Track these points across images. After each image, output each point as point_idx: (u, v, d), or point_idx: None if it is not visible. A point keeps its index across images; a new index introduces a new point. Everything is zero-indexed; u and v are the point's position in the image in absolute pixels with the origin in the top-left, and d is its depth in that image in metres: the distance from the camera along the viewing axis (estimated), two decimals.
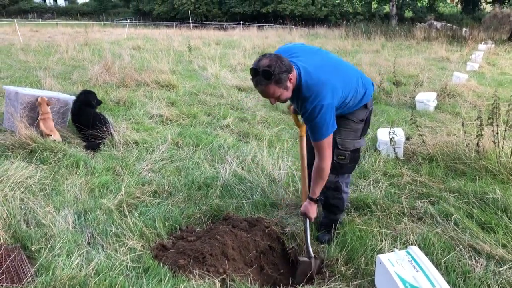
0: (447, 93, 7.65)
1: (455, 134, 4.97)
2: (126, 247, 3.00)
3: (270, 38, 21.08)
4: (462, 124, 4.59)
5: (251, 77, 2.63)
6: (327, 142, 2.81)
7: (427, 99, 7.10)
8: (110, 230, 3.19)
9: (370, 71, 9.55)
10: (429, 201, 3.76)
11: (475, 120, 4.58)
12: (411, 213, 3.58)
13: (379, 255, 2.63)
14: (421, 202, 3.74)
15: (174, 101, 7.13)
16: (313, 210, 3.04)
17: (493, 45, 17.14)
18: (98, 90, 7.41)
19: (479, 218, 3.46)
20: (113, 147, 4.98)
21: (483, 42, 18.27)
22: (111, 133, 5.12)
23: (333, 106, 2.76)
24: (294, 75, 2.65)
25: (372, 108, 3.18)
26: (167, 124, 5.96)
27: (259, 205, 3.74)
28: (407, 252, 2.67)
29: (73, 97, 5.75)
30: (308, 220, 3.09)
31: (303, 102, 2.76)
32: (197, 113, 6.50)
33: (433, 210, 3.57)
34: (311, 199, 3.04)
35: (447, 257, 2.93)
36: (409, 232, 3.23)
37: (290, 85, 2.67)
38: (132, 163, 4.53)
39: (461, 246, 3.06)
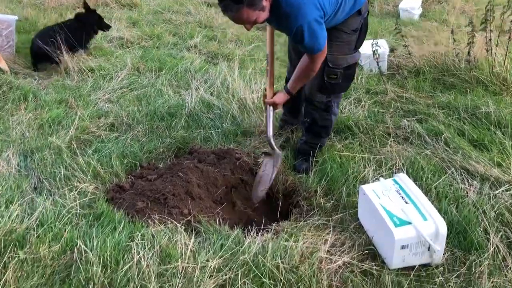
0: (433, 0, 7.09)
1: (443, 44, 4.53)
2: (77, 191, 2.63)
3: None
4: (452, 32, 4.14)
5: (217, 1, 2.19)
6: (322, 52, 2.46)
7: (411, 6, 6.56)
8: (59, 172, 2.80)
9: None
10: (416, 119, 3.42)
11: (465, 26, 4.14)
12: (396, 134, 3.25)
13: (362, 186, 2.31)
14: (407, 120, 3.39)
15: (136, 21, 6.44)
16: (282, 100, 2.76)
17: None
18: (51, 14, 6.67)
19: (471, 135, 3.15)
20: (66, 75, 4.45)
21: None
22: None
23: (322, 16, 2.34)
24: None
25: (367, 13, 2.71)
26: (128, 47, 5.37)
27: (229, 134, 3.35)
28: (394, 180, 2.35)
29: (15, 17, 5.11)
30: (273, 108, 2.78)
31: (285, 22, 2.34)
32: (161, 33, 5.88)
33: (421, 129, 3.24)
34: (288, 92, 2.72)
35: (437, 182, 2.63)
36: (395, 156, 2.91)
37: (266, 3, 2.22)
38: (87, 93, 4.05)
39: (452, 169, 2.75)
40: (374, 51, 3.87)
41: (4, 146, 3.14)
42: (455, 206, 2.45)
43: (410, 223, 2.08)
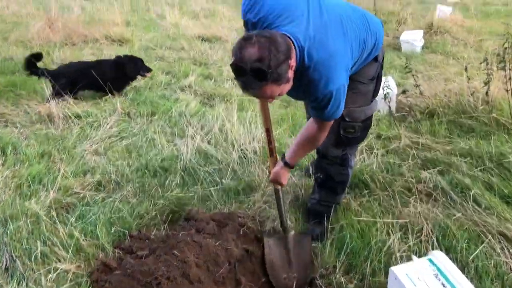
0: (434, 30, 6.86)
1: (455, 81, 4.24)
2: (56, 273, 2.24)
3: None
4: (466, 69, 3.85)
5: (234, 75, 1.79)
6: (328, 124, 2.16)
7: (413, 38, 6.33)
8: (35, 248, 2.41)
9: None
10: (437, 170, 3.08)
11: (481, 63, 3.84)
12: (418, 189, 2.89)
13: (393, 269, 1.94)
14: (428, 172, 3.05)
15: None
16: (286, 177, 2.39)
17: None
18: (39, 51, 6.36)
19: (501, 189, 2.80)
20: (50, 123, 4.10)
21: None
22: None
23: (346, 83, 2.03)
24: (294, 57, 1.84)
25: (383, 59, 2.39)
26: None
27: (230, 191, 2.99)
28: (430, 261, 1.98)
29: None
30: (280, 187, 2.44)
31: (310, 89, 1.98)
32: (153, 72, 5.57)
33: (444, 183, 2.89)
34: (287, 165, 2.33)
35: (474, 254, 2.27)
36: (421, 219, 2.55)
37: (291, 73, 1.85)
38: (72, 144, 3.68)
39: (489, 236, 2.39)
40: (386, 94, 3.55)
41: None
42: (499, 285, 2.09)
43: None
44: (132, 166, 3.31)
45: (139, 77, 4.91)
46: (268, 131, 2.40)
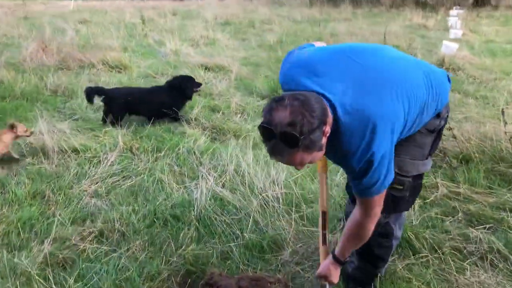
0: (446, 67, 6.64)
1: (486, 124, 3.93)
2: None
3: (231, 7, 19.53)
4: (502, 112, 3.56)
5: (261, 137, 1.57)
6: (380, 197, 1.79)
7: None
8: None
9: None
10: (485, 228, 2.73)
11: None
12: (467, 250, 2.53)
13: None
14: (475, 229, 2.69)
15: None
16: (336, 274, 2.02)
17: (463, 10, 16.38)
18: (31, 75, 5.98)
19: None
20: (44, 158, 3.68)
21: (454, 8, 17.49)
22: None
23: (392, 149, 1.72)
24: (330, 122, 1.60)
25: (448, 115, 2.04)
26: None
27: (253, 248, 2.60)
28: None
29: None
30: (328, 285, 2.06)
31: (345, 159, 1.72)
32: None
33: (499, 243, 2.53)
34: (337, 260, 1.99)
35: None
36: None
37: (324, 140, 1.60)
38: (69, 183, 3.27)
39: None
40: None
41: None
42: None
43: None
44: (138, 213, 2.91)
45: None
46: (324, 215, 2.11)
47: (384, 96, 1.68)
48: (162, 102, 4.54)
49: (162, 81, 6.01)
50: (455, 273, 2.33)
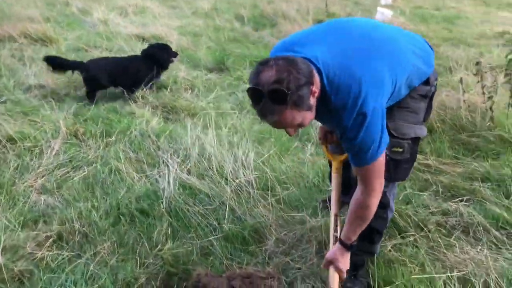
0: None
1: (441, 93, 3.94)
2: None
3: None
4: (461, 81, 3.58)
5: (251, 101, 1.58)
6: (379, 166, 1.73)
7: None
8: None
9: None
10: (461, 200, 2.72)
11: (475, 74, 3.59)
12: (449, 225, 2.51)
13: None
14: (453, 203, 2.68)
15: None
16: (345, 261, 1.90)
17: None
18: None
19: None
20: None
21: None
22: None
23: (382, 107, 1.69)
24: (317, 83, 1.61)
25: (436, 84, 2.00)
26: (54, 99, 4.17)
27: (234, 239, 2.41)
28: None
29: None
30: (335, 274, 1.90)
31: (336, 117, 1.68)
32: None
33: (481, 217, 2.53)
34: (343, 244, 1.88)
35: None
36: (477, 268, 2.16)
37: (313, 100, 1.61)
38: (10, 179, 2.85)
39: None
40: None
41: None
42: None
43: None
44: (99, 209, 2.59)
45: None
46: (336, 217, 2.04)
47: (370, 57, 1.69)
48: (139, 71, 4.34)
49: (96, 54, 5.50)
50: (444, 251, 2.29)
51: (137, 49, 5.70)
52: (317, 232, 2.42)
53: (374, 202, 1.78)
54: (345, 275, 1.92)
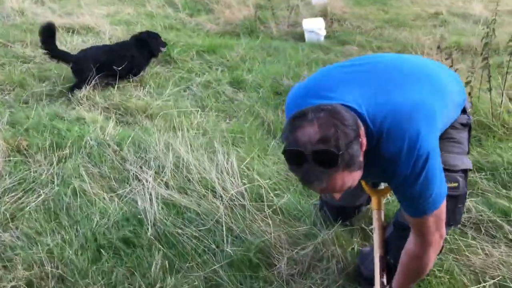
0: (330, 18, 6.55)
1: None
2: None
3: None
4: None
5: (288, 165, 1.32)
6: (440, 215, 1.49)
7: (318, 27, 5.88)
8: None
9: None
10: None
11: (446, 59, 3.52)
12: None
13: None
14: None
15: None
16: None
17: None
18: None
19: None
20: None
21: None
22: None
23: (438, 145, 1.45)
24: (363, 132, 1.34)
25: (470, 110, 1.87)
26: None
27: (241, 264, 2.10)
28: None
29: None
30: None
31: (389, 168, 1.42)
32: (22, 79, 4.11)
33: (489, 212, 2.43)
34: None
35: None
36: (504, 270, 2.04)
37: (362, 156, 1.32)
38: None
39: None
40: None
41: None
42: None
43: None
44: (72, 243, 2.15)
45: None
46: (382, 259, 1.80)
47: (413, 89, 1.46)
48: (132, 56, 4.12)
49: (20, 51, 4.82)
50: (467, 253, 2.15)
51: (67, 43, 5.10)
52: (332, 246, 2.18)
53: (432, 257, 1.56)
54: None
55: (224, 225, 2.29)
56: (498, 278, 2.00)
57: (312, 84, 1.56)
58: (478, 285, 1.97)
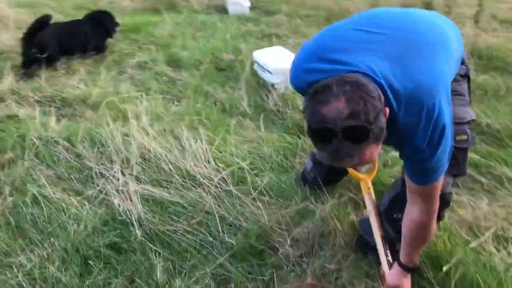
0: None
1: None
2: None
3: None
4: None
5: (316, 143, 1.24)
6: (441, 179, 1.47)
7: None
8: None
9: None
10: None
11: None
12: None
13: None
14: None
15: None
16: (408, 283, 1.71)
17: None
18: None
19: None
20: None
21: None
22: None
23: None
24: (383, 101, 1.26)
25: (467, 60, 1.78)
26: None
27: (244, 253, 1.99)
28: None
29: None
30: None
31: (407, 138, 1.38)
32: None
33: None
34: (407, 268, 1.68)
35: None
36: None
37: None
38: None
39: None
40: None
41: None
42: None
43: None
44: (53, 260, 1.88)
45: None
46: (384, 239, 1.81)
47: (429, 56, 1.40)
48: (85, 34, 3.97)
49: None
50: (458, 209, 2.22)
51: None
52: (331, 220, 2.13)
53: (434, 222, 1.57)
54: None
55: (216, 215, 2.14)
56: (493, 229, 2.08)
57: (320, 44, 1.45)
58: (479, 238, 2.03)
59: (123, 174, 2.38)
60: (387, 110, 1.25)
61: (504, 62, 3.83)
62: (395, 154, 2.63)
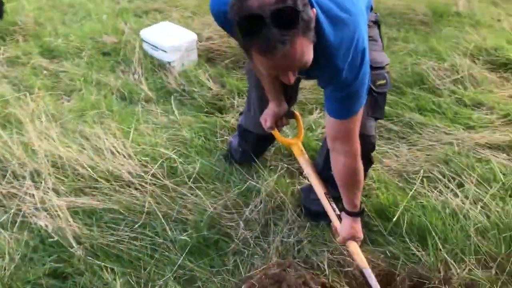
0: None
1: None
2: None
3: None
4: None
5: (242, 36, 1.17)
6: (361, 112, 1.52)
7: None
8: None
9: None
10: None
11: None
12: None
13: None
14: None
15: None
16: (360, 228, 1.75)
17: None
18: None
19: None
20: None
21: None
22: None
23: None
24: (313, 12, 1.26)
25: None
26: None
27: (202, 247, 1.89)
28: None
29: None
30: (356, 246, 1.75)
31: (333, 61, 1.39)
32: None
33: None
34: (354, 214, 1.72)
35: None
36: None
37: (313, 31, 1.25)
38: None
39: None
40: None
41: None
42: None
43: None
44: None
45: None
46: (327, 195, 1.82)
47: None
48: None
49: None
50: (384, 159, 2.35)
51: None
52: (276, 194, 2.10)
53: (360, 163, 1.61)
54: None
55: (158, 214, 1.98)
56: (421, 173, 2.24)
57: None
58: (412, 184, 2.17)
59: (37, 189, 2.08)
60: (315, 11, 1.25)
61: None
62: (317, 116, 2.69)
